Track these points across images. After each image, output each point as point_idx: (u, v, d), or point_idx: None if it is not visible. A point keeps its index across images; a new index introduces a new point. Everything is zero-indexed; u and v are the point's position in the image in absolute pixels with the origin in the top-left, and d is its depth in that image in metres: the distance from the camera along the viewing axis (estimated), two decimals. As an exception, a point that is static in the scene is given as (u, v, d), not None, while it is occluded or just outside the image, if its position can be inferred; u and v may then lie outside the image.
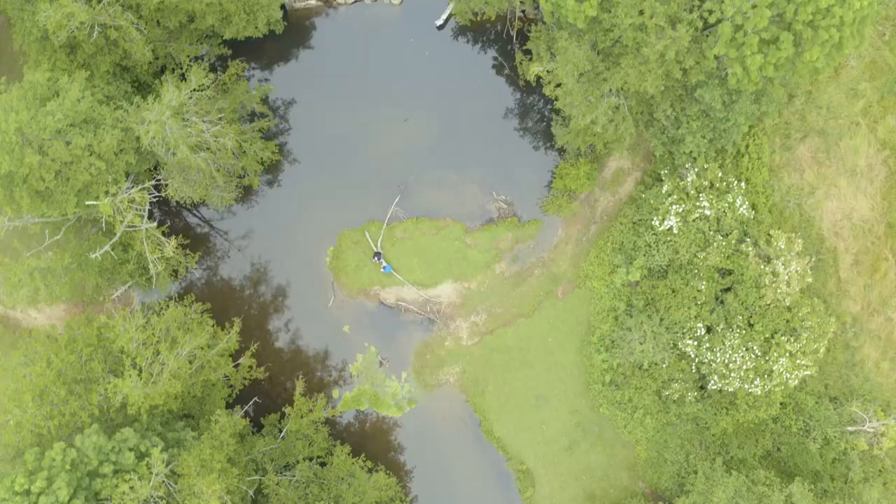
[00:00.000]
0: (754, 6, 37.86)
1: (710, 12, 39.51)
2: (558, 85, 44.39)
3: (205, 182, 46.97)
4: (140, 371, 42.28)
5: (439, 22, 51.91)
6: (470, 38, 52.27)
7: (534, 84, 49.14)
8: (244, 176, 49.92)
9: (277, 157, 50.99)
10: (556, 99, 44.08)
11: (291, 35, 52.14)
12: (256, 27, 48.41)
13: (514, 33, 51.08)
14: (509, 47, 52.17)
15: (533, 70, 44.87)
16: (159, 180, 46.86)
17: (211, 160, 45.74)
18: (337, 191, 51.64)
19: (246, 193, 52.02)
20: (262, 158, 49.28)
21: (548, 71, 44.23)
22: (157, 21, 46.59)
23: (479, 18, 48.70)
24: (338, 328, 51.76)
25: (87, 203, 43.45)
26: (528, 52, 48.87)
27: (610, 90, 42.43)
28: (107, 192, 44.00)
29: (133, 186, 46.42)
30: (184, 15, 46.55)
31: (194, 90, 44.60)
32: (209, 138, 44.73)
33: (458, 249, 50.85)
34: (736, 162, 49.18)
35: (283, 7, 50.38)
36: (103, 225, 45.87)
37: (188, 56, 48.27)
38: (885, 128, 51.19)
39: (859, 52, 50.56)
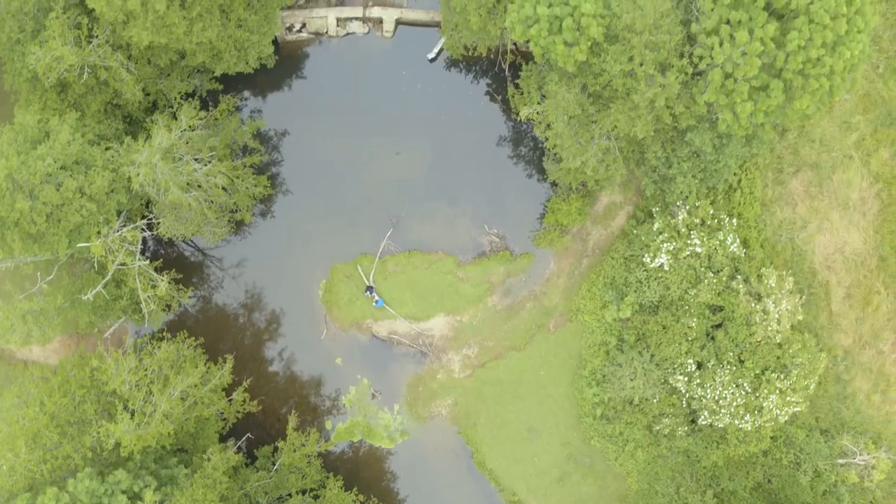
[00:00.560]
0: (744, 54, 37.76)
1: (701, 58, 39.41)
2: (548, 126, 44.34)
3: (196, 219, 47.05)
4: (132, 414, 42.53)
5: (431, 55, 51.79)
6: (462, 70, 52.14)
7: (524, 122, 49.01)
8: (236, 210, 49.99)
9: (270, 190, 51.05)
10: (547, 139, 44.01)
11: (283, 67, 52.06)
12: (247, 63, 48.39)
13: (506, 66, 50.93)
14: (502, 76, 51.99)
15: (524, 112, 44.78)
16: (151, 219, 46.95)
17: (202, 198, 45.81)
18: (329, 223, 51.73)
19: (239, 224, 52.06)
20: (253, 194, 49.32)
21: (538, 112, 44.12)
22: (148, 59, 46.56)
23: (470, 53, 48.56)
24: (331, 360, 51.99)
25: (78, 245, 43.59)
26: (520, 87, 48.78)
27: (600, 133, 42.35)
28: (98, 233, 44.13)
29: (125, 224, 46.57)
30: (174, 53, 46.54)
31: (184, 131, 44.56)
32: (200, 177, 44.82)
33: (450, 283, 50.96)
34: (728, 197, 49.14)
35: (274, 40, 50.23)
36: (95, 263, 46.01)
37: (179, 93, 48.25)
38: (878, 160, 51.07)
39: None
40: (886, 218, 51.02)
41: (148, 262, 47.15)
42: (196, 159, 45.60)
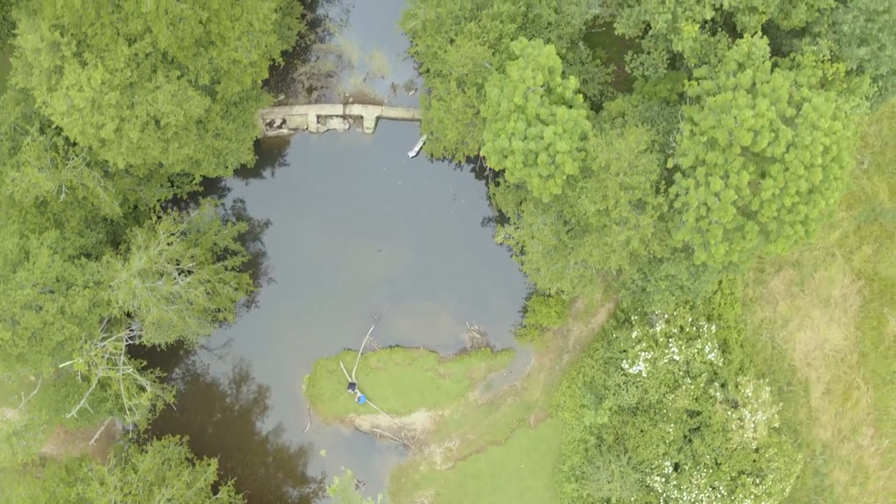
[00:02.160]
0: (719, 197, 37.47)
1: (677, 195, 39.19)
2: (522, 249, 44.25)
3: (179, 326, 47.40)
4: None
5: (412, 153, 51.49)
6: (443, 166, 51.83)
7: (501, 244, 48.87)
8: (219, 311, 50.31)
9: (253, 288, 51.41)
10: (522, 264, 44.01)
11: (264, 161, 52.06)
12: (227, 167, 48.32)
13: (486, 164, 50.59)
14: (483, 173, 51.77)
15: (499, 236, 44.69)
16: (132, 331, 47.35)
17: (184, 308, 46.10)
18: (312, 317, 52.11)
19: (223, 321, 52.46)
20: (234, 298, 49.60)
21: (512, 238, 44.00)
22: (126, 170, 46.50)
23: (450, 156, 48.29)
24: (315, 451, 52.82)
25: (60, 365, 44.18)
26: (500, 184, 48.53)
27: (576, 262, 42.31)
28: (80, 348, 44.66)
29: (108, 334, 47.04)
30: (152, 163, 46.43)
31: (163, 249, 44.62)
32: (180, 290, 45.07)
33: (431, 380, 51.46)
34: (708, 299, 49.16)
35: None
36: (79, 375, 46.61)
37: (158, 200, 48.28)
38: (860, 257, 50.93)
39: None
40: (868, 314, 51.07)
41: (132, 360, 47.66)
42: (177, 268, 45.85)
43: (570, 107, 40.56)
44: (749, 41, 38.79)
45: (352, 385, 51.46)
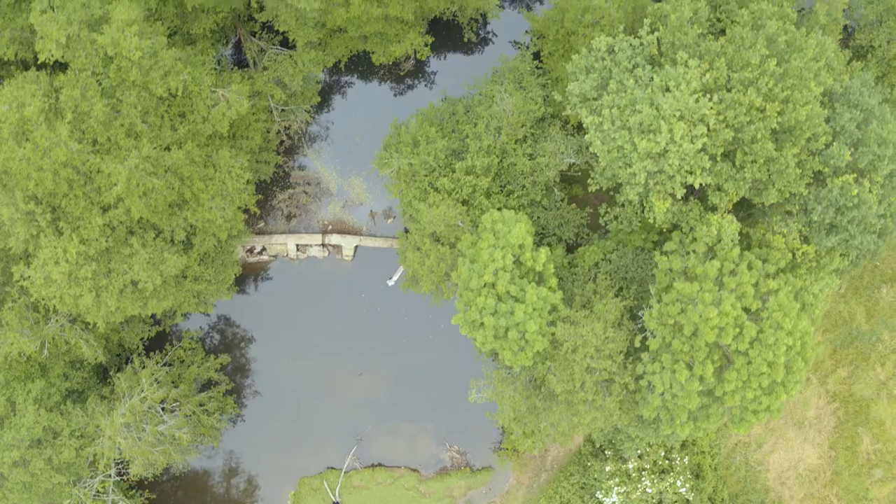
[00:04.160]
0: (687, 380, 37.97)
1: (644, 373, 39.66)
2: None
3: (165, 458, 48.70)
4: None
5: (391, 282, 51.87)
6: (421, 293, 52.20)
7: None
8: (204, 437, 51.51)
9: (237, 411, 52.56)
10: (496, 420, 44.84)
11: (245, 285, 52.67)
12: (206, 306, 48.94)
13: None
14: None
15: (472, 396, 45.37)
16: (121, 469, 48.71)
17: (169, 445, 47.32)
18: (296, 436, 53.24)
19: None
20: (218, 427, 50.78)
21: (484, 396, 44.73)
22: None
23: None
24: (302, 561, 54.66)
25: (50, 513, 45.82)
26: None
27: (547, 423, 43.10)
28: (69, 493, 46.16)
29: (95, 470, 48.39)
30: (134, 309, 47.15)
31: (147, 396, 45.62)
32: (165, 430, 46.25)
33: (413, 498, 52.84)
34: (682, 427, 49.97)
35: (234, 268, 50.46)
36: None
37: (141, 339, 49.10)
38: (835, 380, 51.49)
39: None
40: (842, 434, 51.85)
41: (119, 484, 49.17)
42: (162, 407, 46.95)
43: (541, 279, 40.86)
44: (718, 223, 38.82)
45: (335, 504, 53.06)
